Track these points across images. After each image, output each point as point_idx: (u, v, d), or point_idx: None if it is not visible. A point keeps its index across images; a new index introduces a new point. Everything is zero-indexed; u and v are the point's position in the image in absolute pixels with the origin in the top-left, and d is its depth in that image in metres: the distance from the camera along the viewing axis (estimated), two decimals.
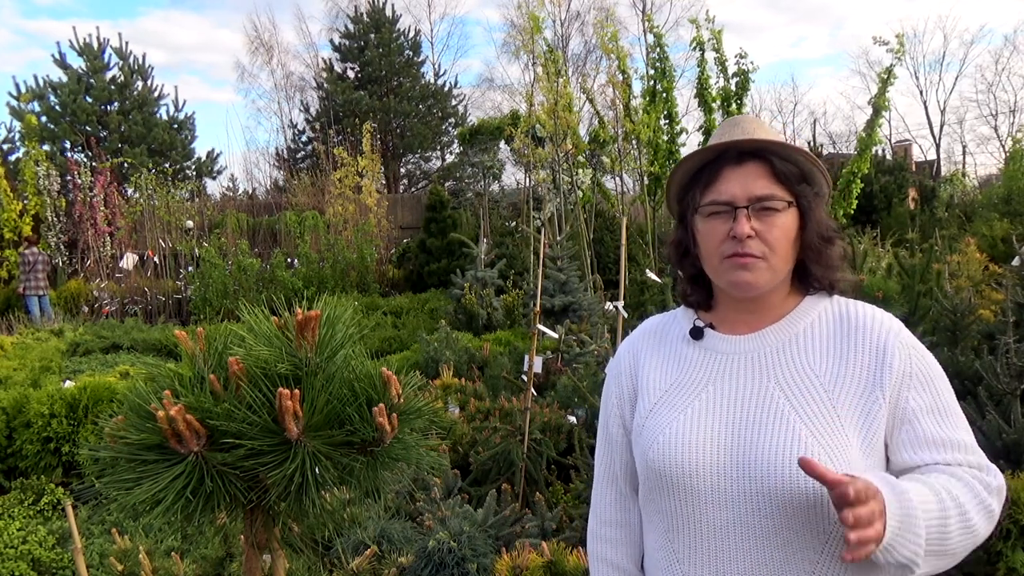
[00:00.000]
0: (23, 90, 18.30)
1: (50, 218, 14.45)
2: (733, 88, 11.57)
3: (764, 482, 1.16)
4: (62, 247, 14.65)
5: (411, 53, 25.17)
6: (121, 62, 20.34)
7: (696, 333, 1.34)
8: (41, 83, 19.18)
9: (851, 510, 0.99)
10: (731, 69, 11.57)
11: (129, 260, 14.11)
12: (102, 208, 14.70)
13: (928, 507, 1.09)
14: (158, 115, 20.95)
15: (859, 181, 11.73)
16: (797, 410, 1.19)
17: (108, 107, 20.14)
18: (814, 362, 1.23)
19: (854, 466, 1.16)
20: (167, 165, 20.08)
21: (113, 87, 20.14)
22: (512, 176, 19.42)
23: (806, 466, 1.02)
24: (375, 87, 24.23)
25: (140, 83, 20.78)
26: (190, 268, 13.86)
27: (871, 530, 1.01)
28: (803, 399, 1.20)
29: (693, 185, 1.31)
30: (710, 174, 1.28)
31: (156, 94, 21.09)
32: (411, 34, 25.18)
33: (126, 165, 17.18)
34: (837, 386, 1.20)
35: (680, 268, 1.39)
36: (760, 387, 1.24)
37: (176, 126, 21.26)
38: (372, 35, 24.46)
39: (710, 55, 11.58)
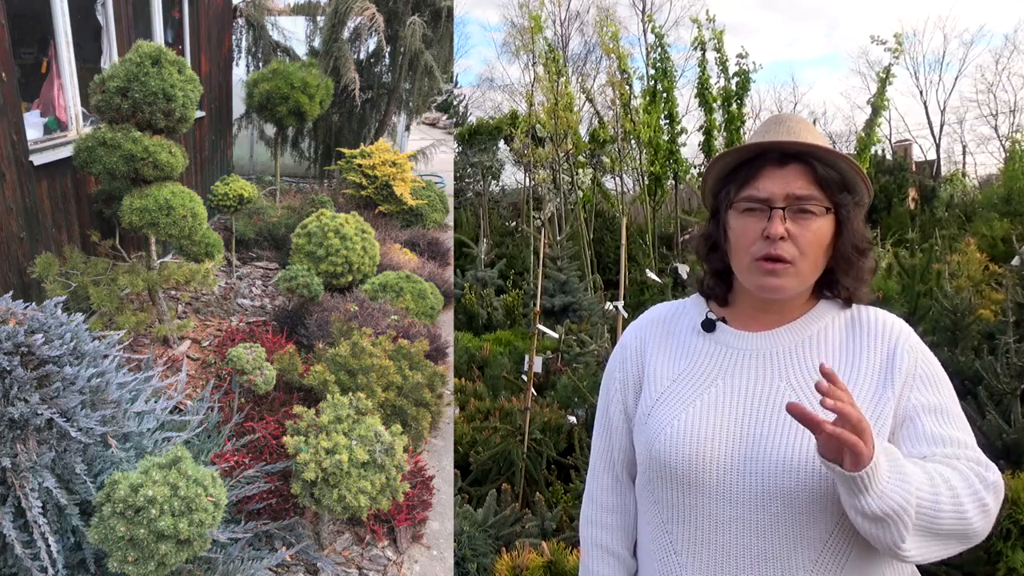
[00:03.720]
0: None
1: None
2: (733, 88, 11.56)
3: (771, 479, 1.16)
4: None
5: None
6: None
7: (708, 325, 1.33)
8: None
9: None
10: (731, 69, 11.56)
11: None
12: None
13: (920, 480, 1.07)
14: None
15: None
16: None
17: None
18: (826, 364, 1.23)
19: None
20: None
21: None
22: (512, 176, 19.41)
23: (793, 410, 0.98)
24: None
25: None
26: None
27: (854, 412, 0.97)
28: (814, 399, 1.19)
29: (730, 180, 1.29)
30: (750, 171, 1.25)
31: None
32: None
33: None
34: (848, 388, 1.18)
35: (707, 262, 1.37)
36: (771, 385, 1.23)
37: None
38: None
39: (711, 55, 11.58)
